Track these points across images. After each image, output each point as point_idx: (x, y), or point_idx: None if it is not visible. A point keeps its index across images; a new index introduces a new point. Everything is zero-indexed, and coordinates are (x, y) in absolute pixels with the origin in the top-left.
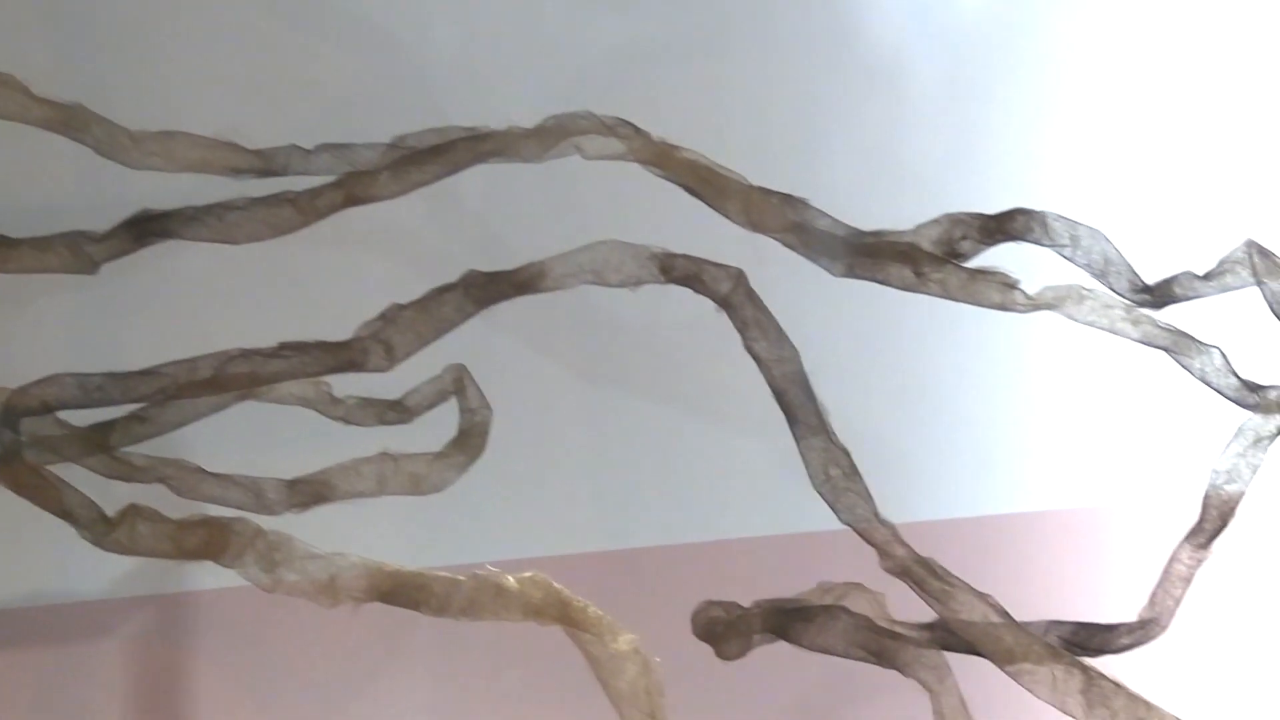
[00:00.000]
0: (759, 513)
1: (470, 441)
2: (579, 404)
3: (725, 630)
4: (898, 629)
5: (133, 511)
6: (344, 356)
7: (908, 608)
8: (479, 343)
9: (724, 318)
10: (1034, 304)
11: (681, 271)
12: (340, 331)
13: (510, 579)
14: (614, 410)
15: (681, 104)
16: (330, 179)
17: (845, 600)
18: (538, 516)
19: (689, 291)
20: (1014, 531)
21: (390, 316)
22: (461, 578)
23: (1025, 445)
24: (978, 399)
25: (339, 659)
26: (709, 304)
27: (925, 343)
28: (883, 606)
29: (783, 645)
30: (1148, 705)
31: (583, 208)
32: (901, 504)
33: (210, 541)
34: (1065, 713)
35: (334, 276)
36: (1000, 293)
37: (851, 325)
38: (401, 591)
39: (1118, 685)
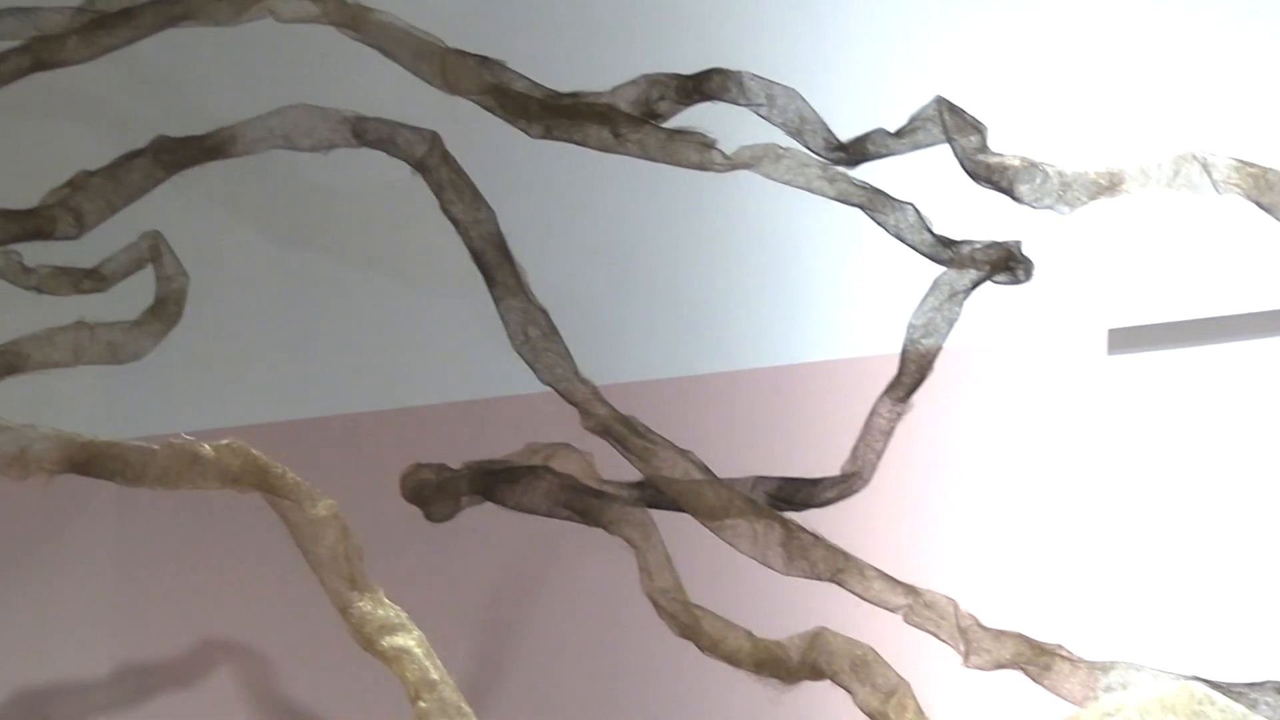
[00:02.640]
0: (462, 376)
1: (167, 309)
2: (275, 270)
3: (434, 492)
4: (605, 488)
5: None
6: (31, 224)
7: (621, 467)
8: (174, 210)
9: (420, 181)
10: (731, 163)
11: (375, 135)
12: (28, 199)
13: (207, 447)
14: (311, 276)
15: None
16: (16, 44)
17: (553, 461)
18: (236, 384)
19: (384, 155)
20: (718, 390)
21: (79, 183)
22: (156, 447)
23: (727, 304)
24: (678, 259)
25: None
26: (405, 167)
27: (625, 204)
28: (591, 466)
29: (490, 506)
30: (845, 556)
31: (277, 72)
32: (605, 365)
33: None
34: (766, 565)
35: (20, 144)
36: (698, 152)
37: (549, 187)
38: (96, 462)
39: (816, 538)
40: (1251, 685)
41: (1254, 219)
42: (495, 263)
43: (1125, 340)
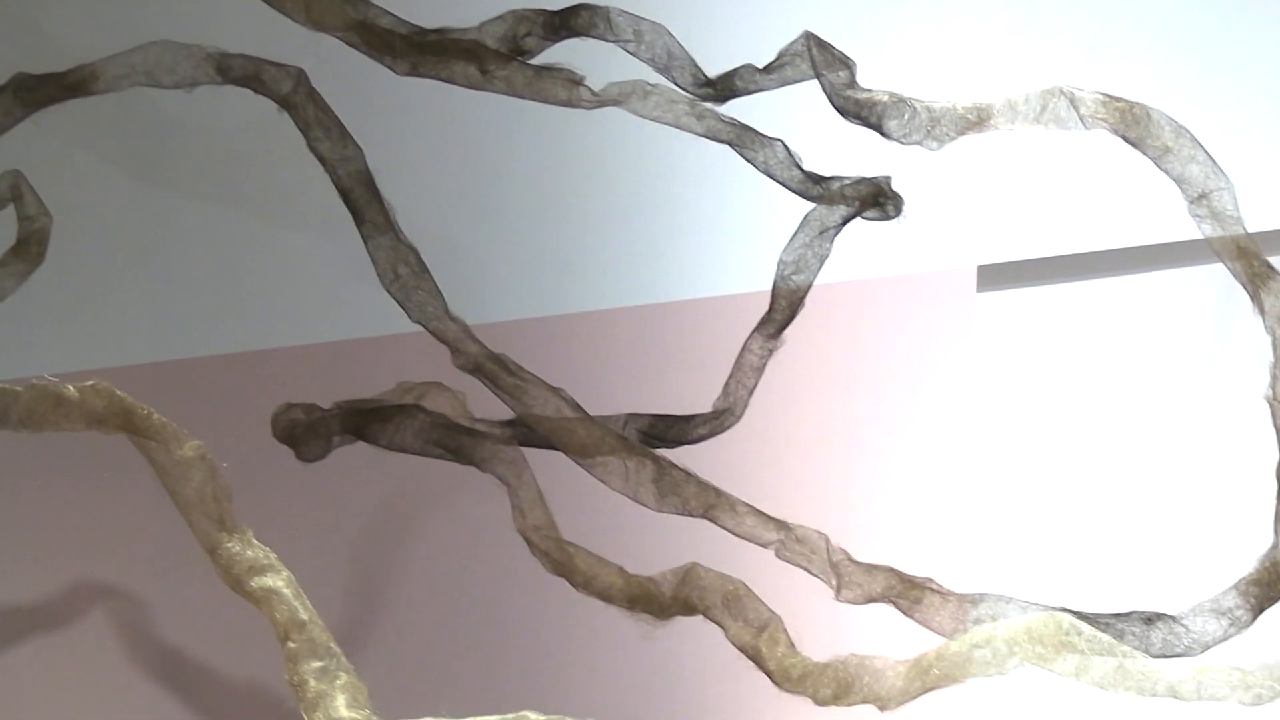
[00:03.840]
0: (331, 316)
1: (29, 250)
2: (140, 211)
3: (305, 432)
4: (477, 426)
5: None
6: None
7: (493, 406)
8: (35, 149)
9: (286, 118)
10: (599, 100)
11: (239, 72)
12: None
13: (71, 388)
14: (176, 217)
15: None
16: None
17: (424, 399)
18: (101, 326)
19: (249, 93)
20: (589, 328)
21: None
22: (19, 389)
23: (596, 242)
24: (548, 197)
25: None
26: (270, 105)
27: (493, 141)
28: (463, 405)
29: (362, 445)
30: (717, 493)
31: (139, 9)
32: (476, 304)
33: None
34: (639, 502)
35: None
36: (566, 89)
37: (418, 124)
38: None
39: (688, 474)
40: (1118, 616)
41: (1123, 154)
42: (363, 201)
43: (995, 277)
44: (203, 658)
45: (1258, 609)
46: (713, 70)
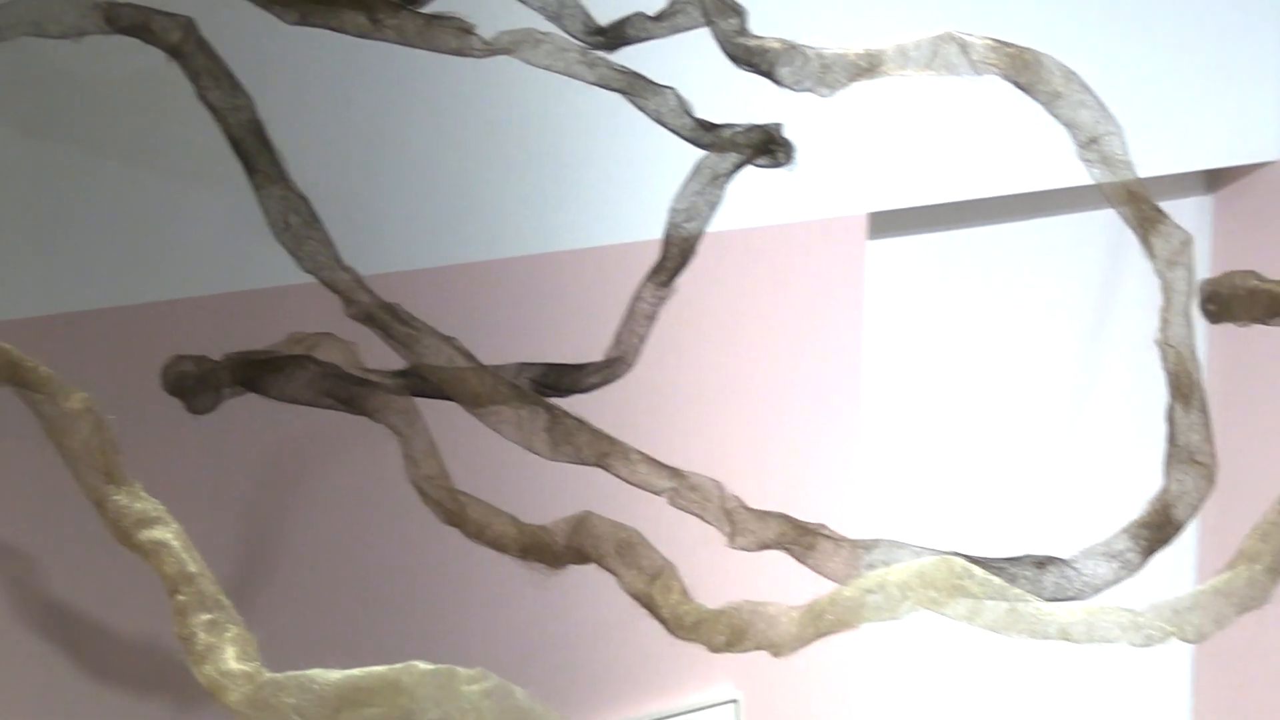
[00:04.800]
0: (222, 267)
1: None
2: (26, 161)
3: (195, 384)
4: (369, 376)
5: None
6: None
7: (387, 356)
8: None
9: (175, 68)
10: (490, 49)
11: (128, 21)
12: None
13: None
14: (66, 167)
15: None
16: None
17: (316, 350)
18: None
19: (138, 42)
20: (482, 278)
21: None
22: None
23: (489, 192)
24: (440, 147)
25: None
26: (160, 54)
27: (385, 90)
28: (355, 355)
29: (254, 397)
30: (610, 441)
31: None
32: (369, 255)
33: None
34: (532, 451)
35: None
36: (457, 38)
37: (308, 73)
38: None
39: (581, 422)
40: (1011, 560)
41: (1012, 102)
42: (254, 150)
43: (886, 224)
44: (90, 611)
45: (1148, 551)
46: (604, 18)
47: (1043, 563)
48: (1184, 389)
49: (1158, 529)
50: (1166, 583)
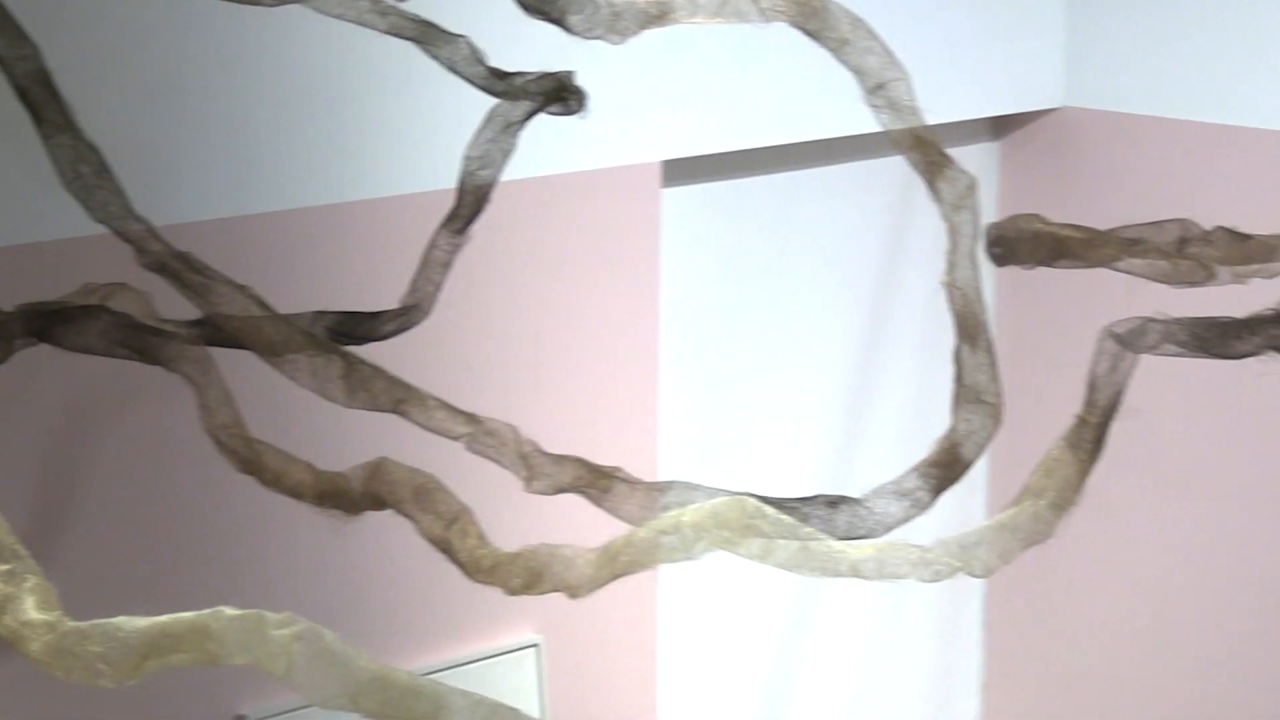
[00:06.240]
0: (11, 219)
1: None
2: None
3: None
4: (164, 326)
5: None
6: None
7: (183, 306)
8: None
9: None
10: None
11: None
12: None
13: None
14: None
15: None
16: None
17: (110, 300)
18: None
19: None
20: (276, 227)
21: None
22: None
23: (282, 141)
24: (232, 96)
25: None
26: None
27: (177, 40)
28: (148, 305)
29: (47, 348)
30: (406, 387)
31: None
32: (162, 204)
33: None
34: (328, 398)
35: None
36: None
37: (98, 22)
38: None
39: (376, 369)
40: (804, 500)
41: (802, 49)
42: (41, 99)
43: (680, 172)
44: None
45: (937, 490)
46: None
47: (835, 502)
48: (970, 330)
49: (947, 467)
50: (959, 520)
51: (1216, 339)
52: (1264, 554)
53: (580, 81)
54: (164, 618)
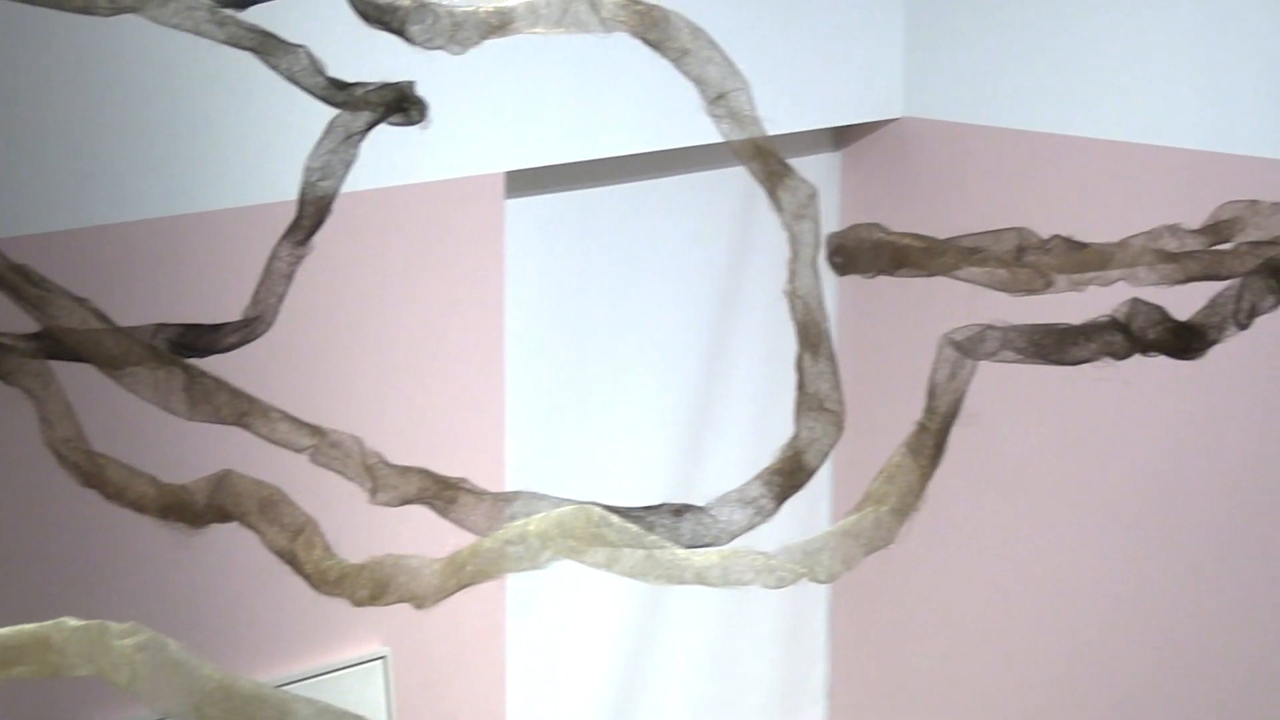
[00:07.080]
0: None
1: None
2: None
3: None
4: (2, 339)
5: None
6: None
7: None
8: None
9: None
10: (116, 7)
11: None
12: None
13: None
14: None
15: None
16: None
17: None
18: None
19: None
20: (116, 240)
21: None
22: None
23: (121, 153)
24: (70, 108)
25: None
26: None
27: (10, 50)
28: None
29: None
30: (250, 400)
31: None
32: (2, 218)
33: None
34: (170, 411)
35: None
36: None
37: None
38: None
39: (219, 382)
40: (649, 509)
41: (644, 60)
42: None
43: (523, 183)
44: None
45: (781, 497)
46: None
47: (680, 510)
48: (812, 339)
49: (790, 475)
50: (803, 527)
51: (1054, 346)
52: (1100, 556)
53: (421, 92)
54: (4, 630)
